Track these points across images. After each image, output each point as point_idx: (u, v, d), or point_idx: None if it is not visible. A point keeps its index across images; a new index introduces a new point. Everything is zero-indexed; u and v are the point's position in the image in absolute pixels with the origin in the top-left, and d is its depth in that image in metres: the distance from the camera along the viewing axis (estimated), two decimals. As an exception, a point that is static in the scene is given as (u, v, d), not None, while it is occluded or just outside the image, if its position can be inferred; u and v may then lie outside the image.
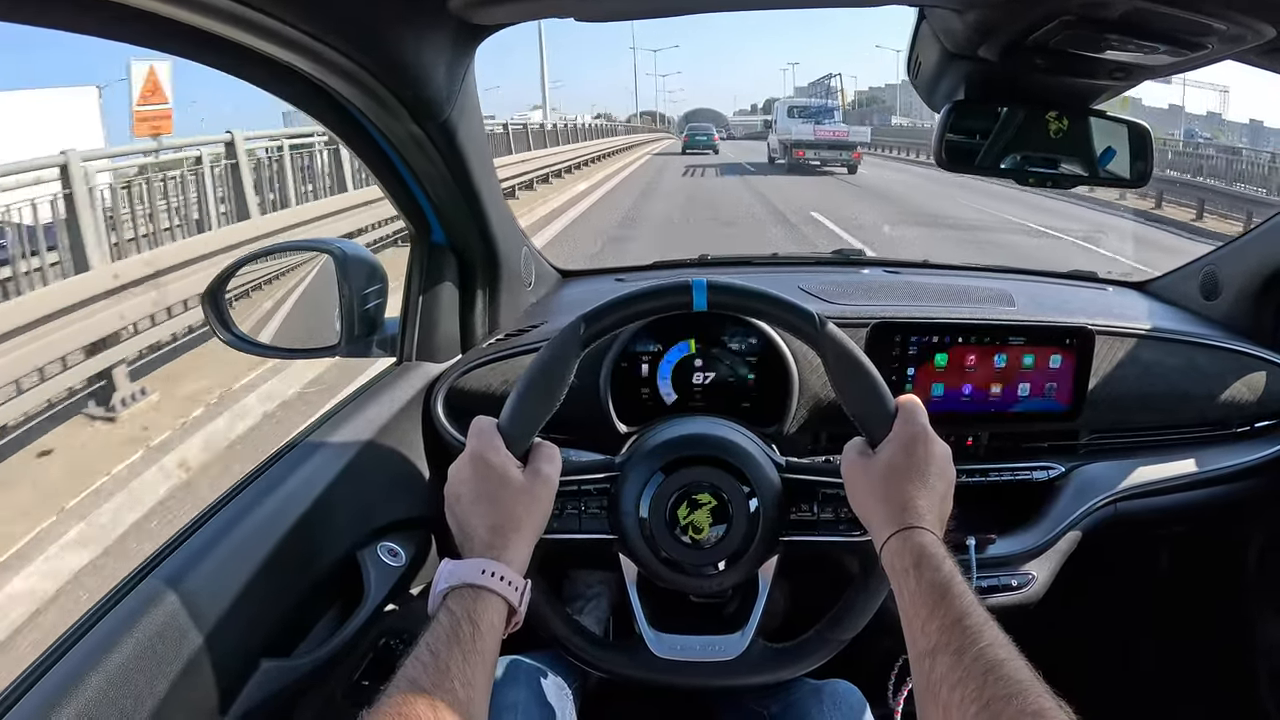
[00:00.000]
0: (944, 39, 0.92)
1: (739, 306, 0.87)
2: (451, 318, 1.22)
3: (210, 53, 0.68)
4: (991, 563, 1.16)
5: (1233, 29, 0.78)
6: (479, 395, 1.18)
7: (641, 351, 1.19)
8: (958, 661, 0.59)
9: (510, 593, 0.71)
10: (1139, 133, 1.05)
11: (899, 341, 1.19)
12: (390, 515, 1.04)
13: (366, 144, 0.97)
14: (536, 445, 0.82)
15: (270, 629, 0.83)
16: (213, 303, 1.16)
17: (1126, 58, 0.89)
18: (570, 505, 0.89)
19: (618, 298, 0.84)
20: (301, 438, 1.00)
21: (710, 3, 0.81)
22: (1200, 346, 1.29)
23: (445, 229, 1.16)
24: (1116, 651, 1.56)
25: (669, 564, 0.89)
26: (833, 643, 0.90)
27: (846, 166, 21.74)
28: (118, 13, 0.55)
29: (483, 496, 0.76)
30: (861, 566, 0.89)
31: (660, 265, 1.69)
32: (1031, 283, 1.56)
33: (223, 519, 0.84)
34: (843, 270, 1.61)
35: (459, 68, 0.90)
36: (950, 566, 0.68)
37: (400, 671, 0.62)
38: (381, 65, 0.79)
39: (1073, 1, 0.76)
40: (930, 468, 0.76)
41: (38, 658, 0.68)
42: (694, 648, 0.91)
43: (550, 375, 0.81)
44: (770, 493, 0.88)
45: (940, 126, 1.00)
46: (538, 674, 1.00)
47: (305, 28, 0.67)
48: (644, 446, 0.93)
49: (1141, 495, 1.24)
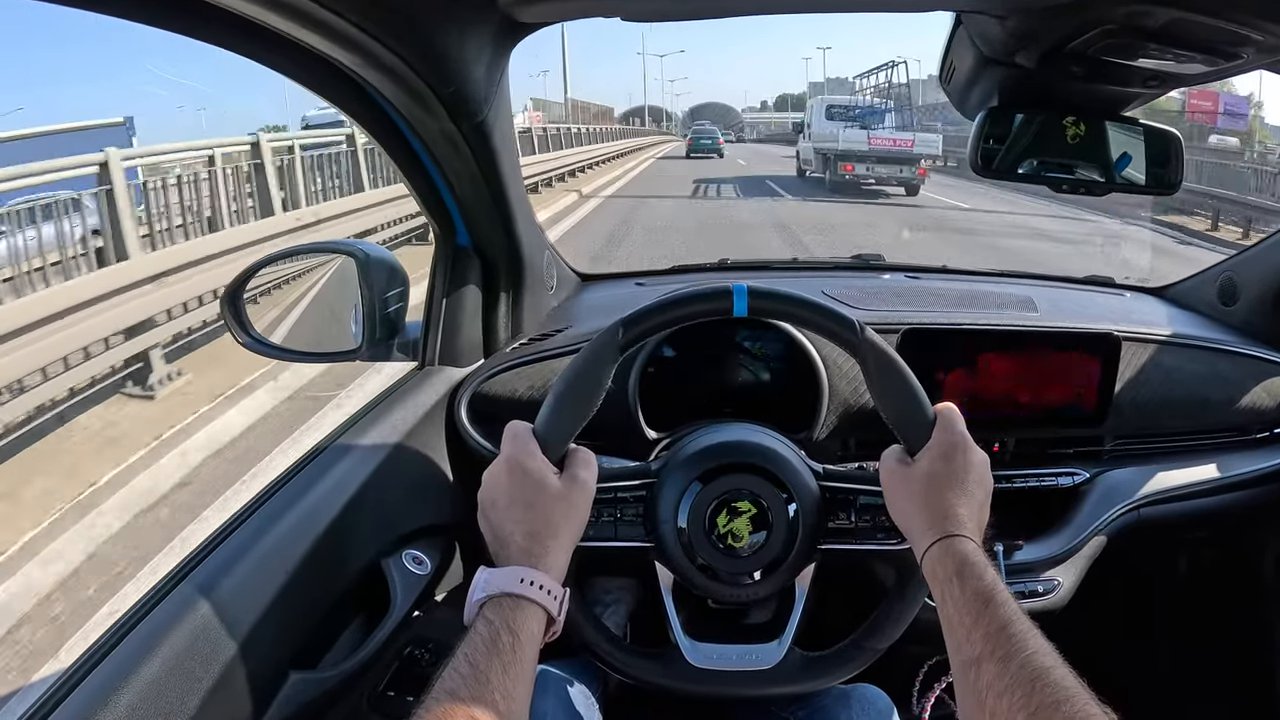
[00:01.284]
0: (981, 44, 0.92)
1: (780, 312, 0.86)
2: (475, 321, 1.20)
3: (246, 40, 0.67)
4: (1018, 569, 1.16)
5: (1270, 39, 0.78)
6: (504, 400, 1.17)
7: (669, 356, 1.18)
8: (1004, 669, 0.60)
9: (550, 601, 0.70)
10: (1165, 139, 1.05)
11: (929, 348, 1.19)
12: (414, 522, 1.02)
13: (398, 142, 0.96)
14: (572, 451, 0.81)
15: (298, 640, 0.82)
16: (231, 305, 1.14)
17: (1162, 66, 0.89)
18: (606, 513, 0.88)
19: (657, 302, 0.83)
20: (325, 444, 0.99)
21: (756, 4, 0.80)
22: (1221, 352, 1.30)
23: (470, 231, 1.14)
24: (1137, 656, 1.56)
25: (706, 571, 0.88)
26: (869, 651, 0.89)
27: (905, 186, 16.43)
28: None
29: (519, 502, 0.74)
30: (898, 575, 0.89)
31: (680, 269, 1.68)
32: (1050, 288, 1.56)
33: (250, 528, 0.83)
34: (864, 275, 1.61)
35: (498, 66, 0.89)
36: (992, 575, 0.69)
37: (438, 684, 0.60)
38: (423, 60, 0.78)
39: (1116, 11, 0.76)
40: (970, 475, 0.76)
41: (69, 668, 0.67)
42: (730, 657, 0.90)
43: (587, 380, 0.80)
44: (809, 500, 0.88)
45: (976, 132, 1.00)
46: (564, 683, 0.99)
47: (350, 17, 0.66)
48: (680, 454, 0.92)
49: (1164, 501, 1.24)
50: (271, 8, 0.60)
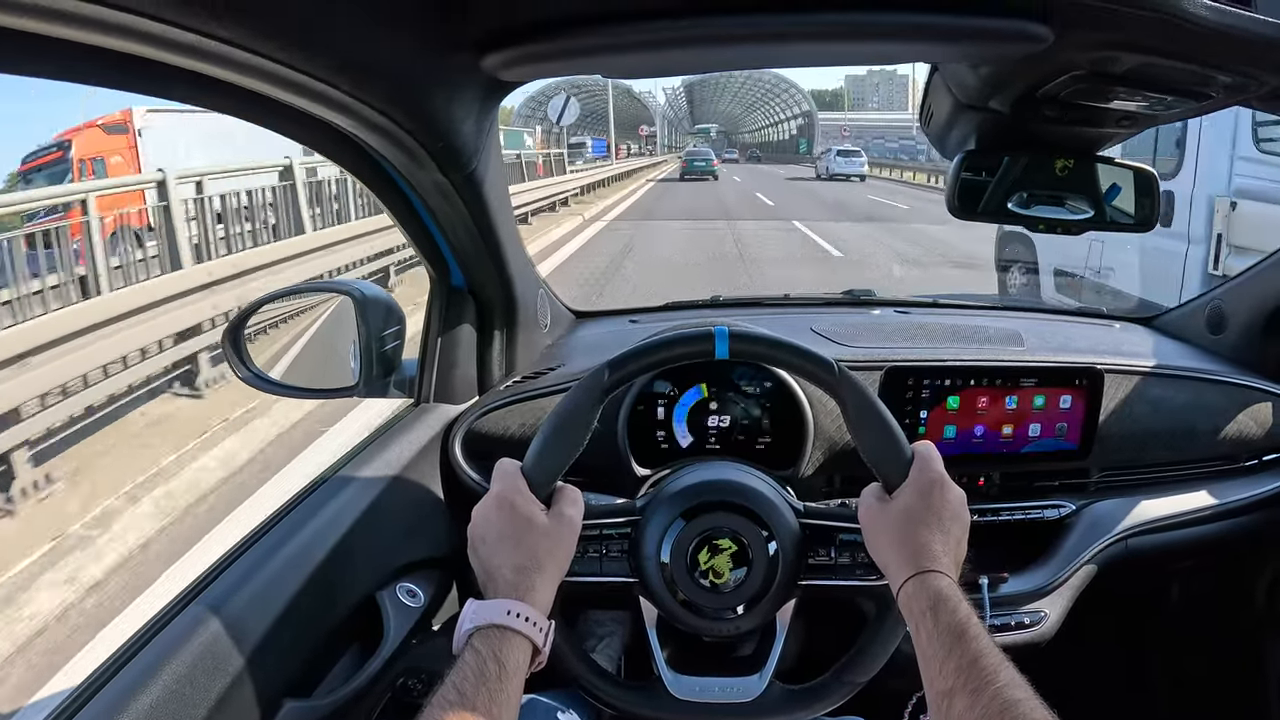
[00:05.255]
0: (957, 91, 0.94)
1: (759, 354, 0.88)
2: (469, 360, 1.23)
3: (243, 106, 0.70)
4: (1004, 601, 1.16)
5: (1237, 80, 0.80)
6: (496, 438, 1.19)
7: (657, 394, 1.20)
8: (975, 701, 0.61)
9: (535, 633, 0.72)
10: (1144, 176, 1.07)
11: (911, 385, 1.20)
12: (409, 556, 1.05)
13: (391, 191, 0.99)
14: (559, 489, 0.84)
15: (293, 669, 0.84)
16: (232, 340, 1.17)
17: (1133, 107, 0.91)
18: (592, 549, 0.90)
19: (641, 346, 0.86)
20: (323, 478, 1.01)
21: (733, 62, 0.83)
22: (1207, 382, 1.31)
23: (464, 273, 1.17)
24: (1129, 688, 1.56)
25: (688, 607, 0.90)
26: (849, 685, 0.91)
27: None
28: (151, 70, 0.57)
29: (507, 538, 0.77)
30: (877, 610, 0.90)
31: (673, 306, 1.70)
32: (1040, 320, 1.58)
33: (248, 560, 0.85)
34: (853, 311, 1.63)
35: (485, 119, 0.92)
36: (966, 609, 0.70)
37: (426, 711, 0.63)
38: (413, 120, 0.81)
39: (1083, 56, 0.78)
40: (946, 512, 0.78)
41: (68, 696, 0.69)
42: (712, 689, 0.92)
43: (574, 421, 0.83)
44: (789, 538, 0.89)
45: (954, 175, 1.02)
46: (555, 712, 1.01)
47: (342, 86, 0.69)
48: (664, 492, 0.94)
49: (1152, 531, 1.24)
50: (267, 80, 0.63)
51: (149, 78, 0.60)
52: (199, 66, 0.58)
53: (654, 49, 0.73)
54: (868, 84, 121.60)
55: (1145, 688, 1.56)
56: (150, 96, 0.63)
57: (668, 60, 0.80)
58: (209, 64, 0.58)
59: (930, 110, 1.04)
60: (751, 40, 0.72)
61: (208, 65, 0.58)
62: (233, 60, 0.58)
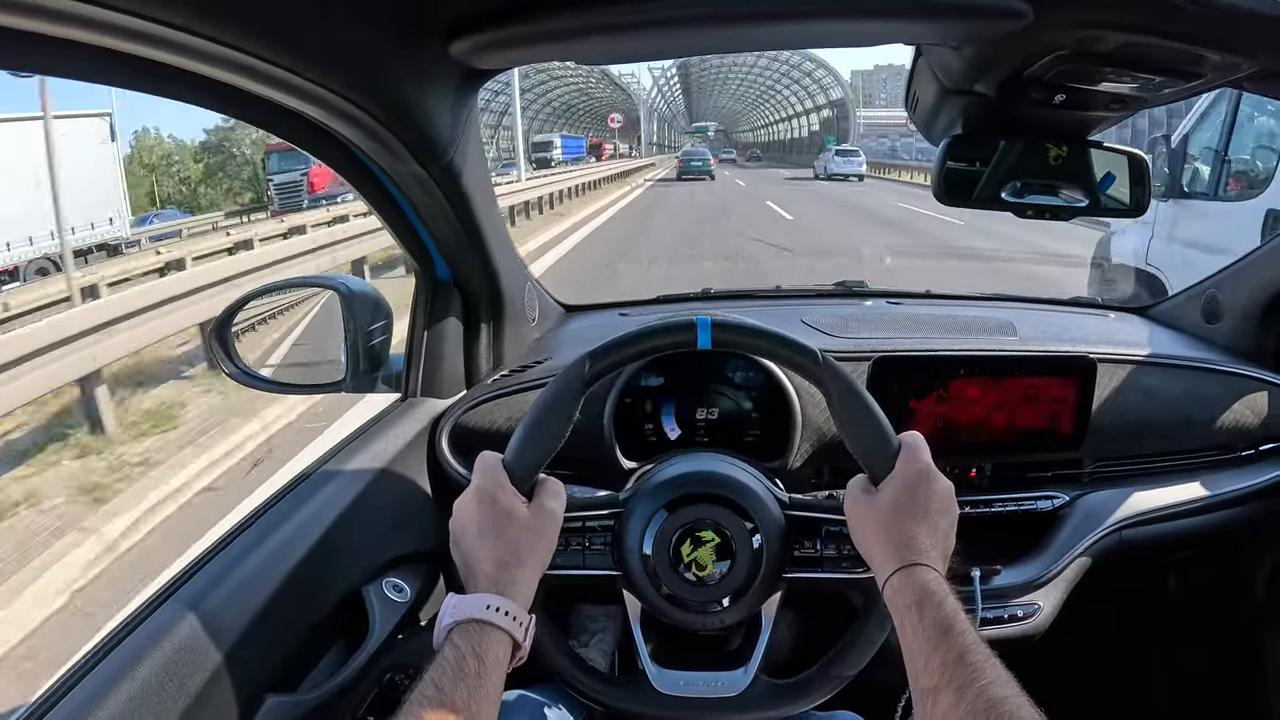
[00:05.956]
0: (941, 75, 0.93)
1: (742, 344, 0.87)
2: (456, 353, 1.22)
3: (212, 98, 0.69)
4: (997, 593, 1.15)
5: (1226, 59, 0.79)
6: (483, 431, 1.18)
7: (645, 387, 1.19)
8: (960, 698, 0.60)
9: (515, 628, 0.71)
10: (1137, 161, 1.06)
11: (901, 375, 1.19)
12: (396, 550, 1.04)
13: (370, 183, 0.98)
14: (541, 481, 0.82)
15: (276, 664, 0.83)
16: (219, 337, 1.16)
17: (1122, 89, 0.90)
18: (574, 541, 0.89)
19: (622, 336, 0.85)
20: (308, 472, 1.01)
21: (708, 45, 0.82)
22: (1202, 371, 1.29)
23: (449, 265, 1.16)
24: (1125, 679, 1.54)
25: (672, 600, 0.89)
26: (836, 679, 0.89)
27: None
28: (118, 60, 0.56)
29: (487, 532, 0.76)
30: (865, 603, 0.89)
31: (664, 299, 1.70)
32: (1034, 310, 1.57)
33: (230, 554, 0.85)
34: (845, 303, 1.62)
35: (461, 110, 0.91)
36: (953, 604, 0.69)
37: (405, 707, 0.62)
38: (385, 110, 0.80)
39: (1066, 37, 0.77)
40: (933, 505, 0.77)
41: (45, 691, 0.68)
42: (697, 684, 0.90)
43: (555, 412, 0.82)
44: (773, 529, 0.88)
45: (939, 161, 1.01)
46: (543, 707, 1.00)
47: (309, 74, 0.68)
48: (647, 483, 0.93)
49: (1147, 522, 1.23)
50: (235, 70, 0.62)
51: (111, 69, 0.59)
52: (164, 57, 0.57)
53: (625, 32, 0.72)
54: (874, 80, 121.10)
55: (1144, 680, 1.55)
56: (105, 85, 0.62)
57: (640, 44, 0.79)
58: (174, 54, 0.57)
59: (915, 96, 1.03)
60: (723, 21, 0.71)
61: (172, 56, 0.57)
62: (194, 49, 0.57)
